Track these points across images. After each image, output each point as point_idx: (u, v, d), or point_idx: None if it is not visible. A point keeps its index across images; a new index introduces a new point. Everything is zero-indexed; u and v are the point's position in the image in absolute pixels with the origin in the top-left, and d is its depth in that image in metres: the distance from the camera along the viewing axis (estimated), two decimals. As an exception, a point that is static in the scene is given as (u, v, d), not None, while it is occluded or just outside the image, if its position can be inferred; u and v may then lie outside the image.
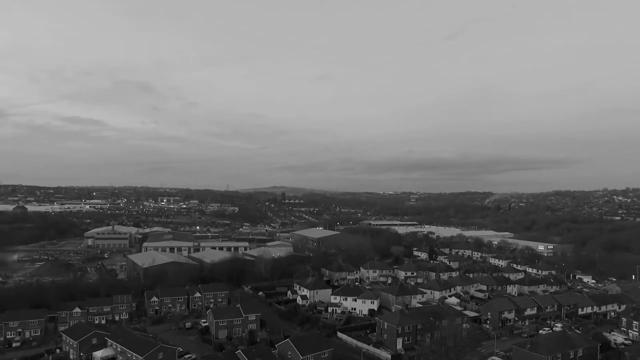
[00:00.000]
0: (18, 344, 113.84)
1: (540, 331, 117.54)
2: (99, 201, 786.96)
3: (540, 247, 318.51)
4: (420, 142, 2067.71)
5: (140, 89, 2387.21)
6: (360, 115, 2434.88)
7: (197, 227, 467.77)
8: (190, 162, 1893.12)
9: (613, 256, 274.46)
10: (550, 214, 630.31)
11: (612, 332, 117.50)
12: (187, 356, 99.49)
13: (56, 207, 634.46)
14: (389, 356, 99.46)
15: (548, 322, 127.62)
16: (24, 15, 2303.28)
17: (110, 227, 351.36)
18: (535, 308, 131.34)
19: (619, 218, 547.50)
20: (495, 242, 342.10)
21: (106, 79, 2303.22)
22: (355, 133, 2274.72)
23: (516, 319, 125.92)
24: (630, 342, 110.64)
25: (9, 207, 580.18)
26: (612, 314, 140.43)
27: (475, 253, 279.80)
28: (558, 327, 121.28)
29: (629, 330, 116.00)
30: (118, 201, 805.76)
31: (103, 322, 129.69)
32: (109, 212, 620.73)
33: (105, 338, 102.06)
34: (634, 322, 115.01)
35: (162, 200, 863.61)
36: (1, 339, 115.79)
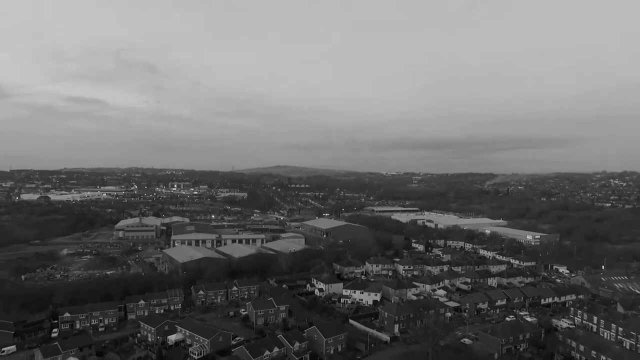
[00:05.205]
0: (102, 329, 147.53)
1: (507, 318, 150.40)
2: (113, 188, 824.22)
3: (529, 237, 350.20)
4: (427, 122, 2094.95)
5: (143, 68, 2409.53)
6: (367, 95, 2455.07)
7: (212, 216, 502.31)
8: (195, 142, 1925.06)
9: (592, 246, 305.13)
10: (545, 200, 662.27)
11: (563, 319, 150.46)
12: (237, 338, 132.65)
13: (76, 195, 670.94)
14: (388, 338, 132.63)
15: (514, 311, 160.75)
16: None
17: (138, 219, 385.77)
18: (505, 300, 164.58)
19: (609, 205, 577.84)
20: (488, 232, 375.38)
21: (109, 58, 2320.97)
22: (361, 112, 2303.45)
23: (489, 308, 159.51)
24: (573, 326, 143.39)
25: (33, 197, 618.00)
26: (571, 302, 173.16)
27: (468, 244, 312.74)
28: (521, 314, 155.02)
29: (575, 317, 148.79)
30: (131, 188, 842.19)
31: (162, 311, 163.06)
32: (125, 200, 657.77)
33: (175, 325, 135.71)
34: (579, 311, 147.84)
35: (172, 186, 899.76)
36: (88, 324, 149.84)
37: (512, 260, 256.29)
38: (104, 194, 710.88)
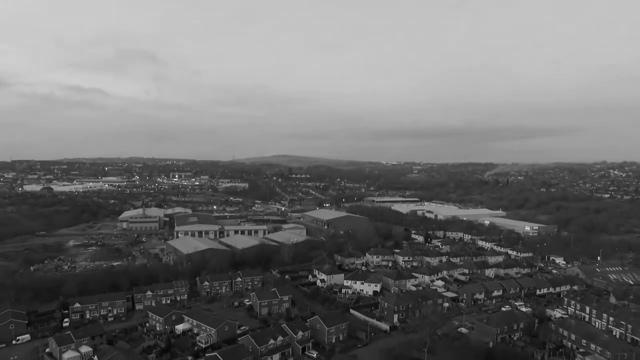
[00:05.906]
0: (112, 318, 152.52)
1: (502, 308, 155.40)
2: (115, 178, 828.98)
3: (527, 228, 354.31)
4: (427, 111, 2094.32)
5: (143, 57, 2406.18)
6: (369, 86, 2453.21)
7: (214, 207, 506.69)
8: (195, 131, 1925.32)
9: (590, 237, 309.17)
10: (545, 190, 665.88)
11: (557, 309, 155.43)
12: (242, 328, 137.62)
13: (78, 186, 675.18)
14: (388, 327, 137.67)
15: (510, 301, 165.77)
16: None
17: (141, 211, 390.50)
18: (501, 290, 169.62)
19: (608, 196, 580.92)
20: (487, 223, 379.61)
21: (109, 47, 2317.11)
22: (362, 103, 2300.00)
23: (485, 298, 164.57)
24: (567, 316, 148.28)
25: (36, 188, 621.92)
26: (565, 293, 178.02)
27: (467, 235, 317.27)
28: (517, 304, 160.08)
29: (569, 307, 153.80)
30: (133, 179, 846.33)
31: (168, 302, 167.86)
32: (127, 191, 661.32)
33: (183, 315, 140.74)
34: (572, 301, 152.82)
35: (174, 176, 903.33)
36: (97, 314, 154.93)
37: (510, 252, 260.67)
38: (106, 185, 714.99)
